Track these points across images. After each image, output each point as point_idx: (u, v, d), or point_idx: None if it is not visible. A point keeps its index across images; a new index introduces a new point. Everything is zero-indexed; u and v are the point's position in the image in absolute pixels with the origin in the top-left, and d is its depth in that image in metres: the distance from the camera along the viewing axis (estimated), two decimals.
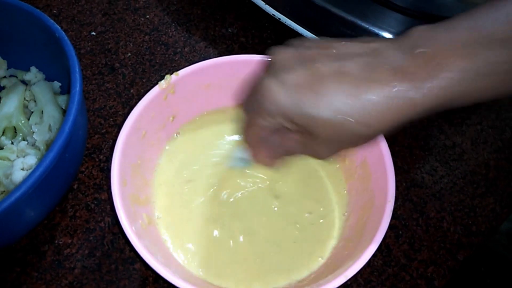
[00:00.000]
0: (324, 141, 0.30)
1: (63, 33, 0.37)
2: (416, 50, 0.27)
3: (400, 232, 0.41)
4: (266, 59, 0.38)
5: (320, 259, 0.35)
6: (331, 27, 0.45)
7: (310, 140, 0.30)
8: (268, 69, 0.30)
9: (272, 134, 0.32)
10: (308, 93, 0.28)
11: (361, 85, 0.27)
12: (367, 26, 0.43)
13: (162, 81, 0.37)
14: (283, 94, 0.29)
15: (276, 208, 0.37)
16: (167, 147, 0.40)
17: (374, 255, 0.31)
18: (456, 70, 0.26)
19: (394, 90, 0.27)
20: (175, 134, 0.40)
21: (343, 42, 0.30)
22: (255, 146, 0.33)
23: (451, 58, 0.26)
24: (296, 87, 0.29)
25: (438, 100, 0.27)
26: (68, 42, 0.36)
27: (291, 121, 0.29)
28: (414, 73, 0.27)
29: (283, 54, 0.30)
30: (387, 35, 0.43)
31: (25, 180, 0.30)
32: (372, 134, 0.29)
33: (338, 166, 0.39)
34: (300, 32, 0.46)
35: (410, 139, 0.46)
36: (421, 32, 0.27)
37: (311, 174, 0.39)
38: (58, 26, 0.37)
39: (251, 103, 0.31)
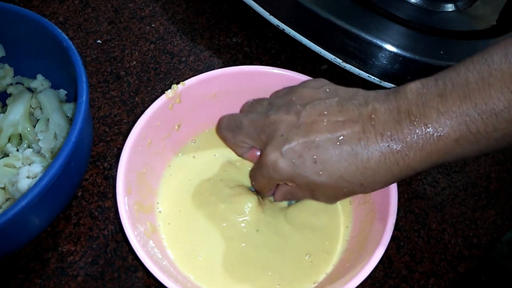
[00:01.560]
0: (327, 197, 0.33)
1: (70, 42, 0.37)
2: (410, 117, 0.29)
3: (402, 244, 0.42)
4: (272, 70, 0.39)
5: (324, 270, 0.35)
6: (334, 39, 0.45)
7: (314, 196, 0.33)
8: (269, 138, 0.33)
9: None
10: (310, 162, 0.31)
11: (359, 152, 0.30)
12: (370, 38, 0.44)
13: (169, 90, 0.37)
14: (286, 165, 0.31)
15: (281, 220, 0.37)
16: (173, 156, 0.40)
17: (375, 267, 0.31)
18: (448, 140, 0.28)
19: (390, 156, 0.29)
20: (191, 142, 0.41)
21: (336, 100, 0.32)
22: (264, 192, 0.37)
23: (444, 128, 0.28)
24: (298, 158, 0.31)
25: (431, 163, 0.29)
26: (75, 52, 0.36)
27: (297, 185, 0.32)
28: (408, 140, 0.29)
29: (282, 118, 0.32)
30: (390, 47, 0.43)
31: (31, 189, 0.30)
32: (372, 191, 0.32)
33: None
34: (303, 43, 0.47)
35: None
36: (414, 94, 0.29)
37: None
38: (65, 36, 0.38)
39: (257, 169, 0.34)
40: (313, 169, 0.31)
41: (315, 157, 0.30)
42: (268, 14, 0.48)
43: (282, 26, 0.47)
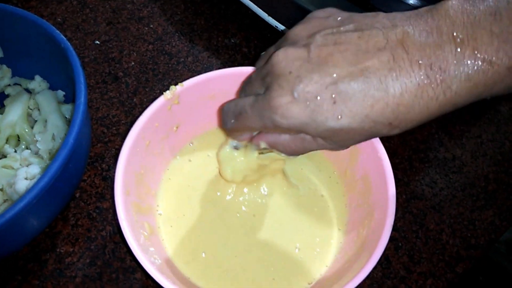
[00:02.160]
0: (340, 143, 0.27)
1: (68, 43, 0.37)
2: (455, 39, 0.24)
3: (400, 244, 0.42)
4: None
5: (319, 272, 0.35)
6: None
7: (320, 145, 0.28)
8: (275, 74, 0.26)
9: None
10: (328, 104, 0.25)
11: (389, 86, 0.24)
12: None
13: (167, 91, 0.37)
14: (299, 110, 0.26)
15: (278, 221, 0.37)
16: (171, 158, 0.40)
17: (373, 267, 0.31)
18: (500, 68, 0.23)
19: (428, 89, 0.24)
20: (189, 144, 0.41)
21: (352, 26, 0.26)
22: (240, 135, 0.31)
23: (497, 54, 0.23)
24: (313, 100, 0.25)
25: (475, 96, 0.25)
26: (74, 53, 0.36)
27: (308, 134, 0.27)
28: (452, 69, 0.24)
29: (287, 53, 0.27)
30: None
31: (29, 191, 0.30)
32: (400, 131, 0.27)
33: (337, 182, 0.39)
34: None
35: (410, 152, 0.47)
36: (458, 12, 0.24)
37: (310, 187, 0.39)
38: (63, 36, 0.38)
39: (254, 109, 0.28)
40: (332, 112, 0.25)
41: (334, 96, 0.25)
42: (267, 15, 0.48)
43: (281, 27, 0.47)
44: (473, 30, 0.23)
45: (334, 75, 0.25)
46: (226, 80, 0.38)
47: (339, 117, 0.25)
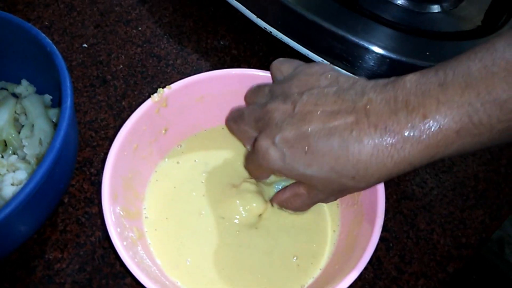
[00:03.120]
0: (322, 191, 0.32)
1: (55, 47, 0.37)
2: (408, 107, 0.27)
3: (391, 245, 0.42)
4: (258, 73, 0.39)
5: (313, 275, 0.35)
6: (321, 41, 0.45)
7: (311, 189, 0.32)
8: (265, 122, 0.32)
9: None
10: (301, 153, 0.30)
11: (350, 144, 0.28)
12: (357, 40, 0.44)
13: (155, 94, 0.37)
14: (277, 155, 0.31)
15: (268, 224, 0.37)
16: (159, 161, 0.40)
17: (365, 268, 0.31)
18: (448, 131, 0.26)
19: (384, 149, 0.28)
20: (177, 146, 0.40)
21: (334, 89, 0.31)
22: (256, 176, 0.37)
23: (444, 119, 0.26)
24: (289, 148, 0.30)
25: (429, 157, 0.28)
26: (60, 57, 0.36)
27: (288, 177, 0.33)
28: (404, 132, 0.27)
29: (278, 107, 0.32)
30: (377, 49, 0.44)
31: (15, 196, 0.29)
32: (366, 186, 0.30)
33: None
34: (291, 46, 0.47)
35: None
36: (413, 84, 0.28)
37: None
38: (49, 41, 0.37)
39: (250, 154, 0.35)
40: (304, 160, 0.30)
41: (306, 148, 0.30)
42: (256, 17, 0.48)
43: (270, 28, 0.47)
44: (424, 98, 0.27)
45: (309, 130, 0.30)
46: (215, 82, 0.38)
47: (309, 165, 0.30)
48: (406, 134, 0.27)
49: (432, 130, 0.26)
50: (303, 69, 0.34)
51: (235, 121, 0.37)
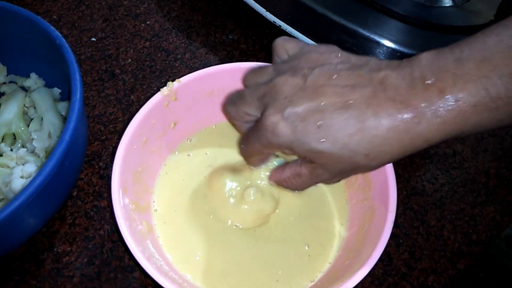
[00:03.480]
0: (329, 170, 0.30)
1: (64, 40, 0.36)
2: (424, 81, 0.27)
3: (401, 241, 0.41)
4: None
5: (322, 269, 0.35)
6: (331, 35, 0.45)
7: (314, 169, 0.31)
8: (272, 96, 0.30)
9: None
10: (313, 127, 0.28)
11: (367, 118, 0.27)
12: (367, 34, 0.43)
13: (164, 87, 0.37)
14: (287, 129, 0.29)
15: (277, 219, 0.37)
16: (169, 155, 0.39)
17: (375, 264, 0.31)
18: (465, 105, 0.26)
19: (400, 123, 0.27)
20: (187, 140, 0.40)
21: (347, 65, 0.30)
22: (253, 160, 0.35)
23: (460, 93, 0.26)
24: (300, 122, 0.29)
25: (445, 132, 0.27)
26: (69, 50, 0.36)
27: (296, 153, 0.30)
28: (421, 106, 0.26)
29: (286, 81, 0.30)
30: (388, 42, 0.43)
31: (24, 189, 0.29)
32: (378, 165, 0.29)
33: None
34: (301, 39, 0.46)
35: None
36: (428, 60, 0.27)
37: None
38: (58, 33, 0.37)
39: (253, 132, 0.31)
40: (316, 135, 0.28)
41: (319, 122, 0.28)
42: (265, 10, 0.47)
43: (279, 22, 0.47)
44: (440, 73, 0.26)
45: (322, 103, 0.28)
46: (224, 76, 0.38)
47: (322, 140, 0.28)
48: (423, 109, 0.26)
49: (449, 104, 0.26)
50: (312, 49, 0.32)
51: (233, 103, 0.33)
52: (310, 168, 0.31)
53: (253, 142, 0.32)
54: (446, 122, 0.26)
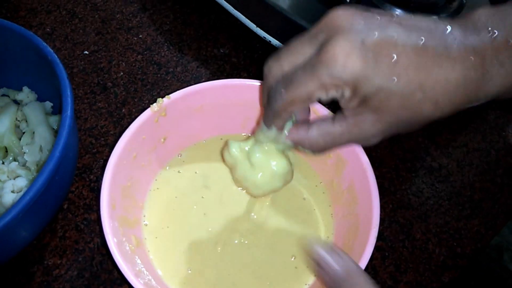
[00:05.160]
0: (384, 119, 0.27)
1: (55, 56, 0.37)
2: (488, 34, 0.26)
3: (387, 254, 0.42)
4: (258, 84, 0.39)
5: (306, 281, 0.36)
6: None
7: (364, 117, 0.28)
8: (335, 26, 0.26)
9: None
10: (387, 61, 0.25)
11: (445, 61, 0.26)
12: None
13: (154, 104, 0.37)
14: (359, 61, 0.25)
15: (264, 233, 0.37)
16: (160, 170, 0.40)
17: None
18: None
19: (468, 72, 0.26)
20: (177, 155, 0.41)
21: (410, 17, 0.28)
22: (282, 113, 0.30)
23: None
24: (374, 53, 0.25)
25: (502, 85, 0.26)
26: (61, 66, 0.36)
27: (357, 91, 0.26)
28: (486, 57, 0.26)
29: (354, 12, 0.27)
30: None
31: (14, 205, 0.30)
32: (439, 117, 0.27)
33: (324, 192, 0.40)
34: None
35: (397, 161, 0.47)
36: (488, 14, 0.26)
37: (298, 198, 0.39)
38: (50, 49, 0.38)
39: (306, 71, 0.27)
40: (390, 71, 0.25)
41: (395, 56, 0.25)
42: (255, 26, 0.48)
43: (269, 38, 0.48)
44: (505, 25, 0.26)
45: (395, 36, 0.26)
46: (213, 92, 0.39)
47: (395, 78, 0.26)
48: (491, 58, 0.26)
49: None
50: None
51: (280, 52, 0.28)
52: (355, 121, 0.28)
53: (304, 83, 0.27)
54: (510, 74, 0.26)
